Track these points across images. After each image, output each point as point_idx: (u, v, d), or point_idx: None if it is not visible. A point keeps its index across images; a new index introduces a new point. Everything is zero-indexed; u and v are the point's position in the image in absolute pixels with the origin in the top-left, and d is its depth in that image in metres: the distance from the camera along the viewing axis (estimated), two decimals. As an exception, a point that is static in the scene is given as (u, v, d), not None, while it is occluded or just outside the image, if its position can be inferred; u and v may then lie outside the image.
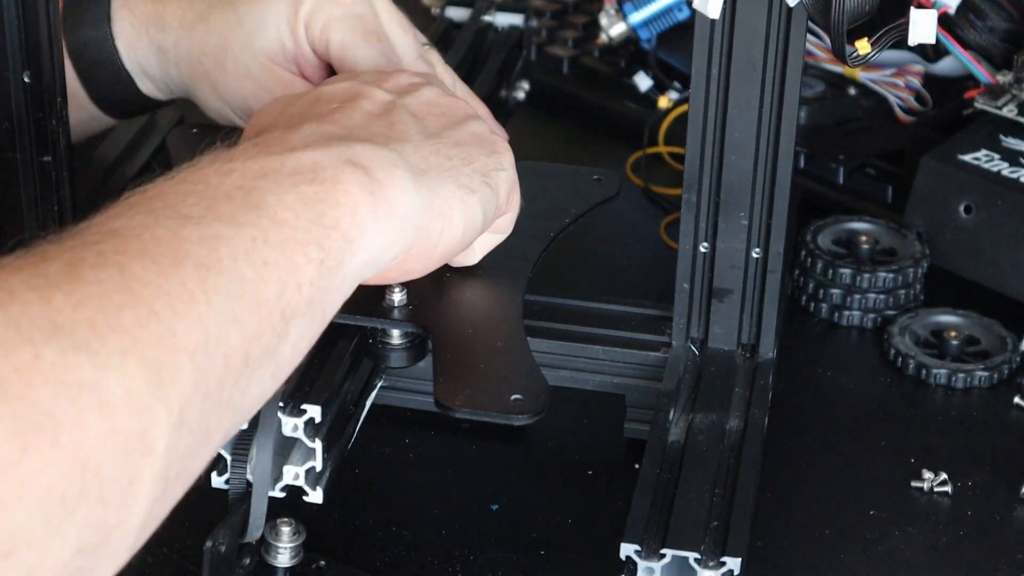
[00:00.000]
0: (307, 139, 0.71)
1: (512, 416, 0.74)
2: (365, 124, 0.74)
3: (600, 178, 0.92)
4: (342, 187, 0.68)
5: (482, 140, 0.79)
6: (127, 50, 0.96)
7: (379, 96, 0.77)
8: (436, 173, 0.75)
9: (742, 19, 0.80)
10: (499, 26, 1.14)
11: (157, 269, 0.59)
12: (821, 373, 0.96)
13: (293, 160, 0.68)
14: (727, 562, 0.73)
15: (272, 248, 0.64)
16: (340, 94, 0.77)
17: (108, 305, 0.56)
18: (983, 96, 1.04)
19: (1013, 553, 0.83)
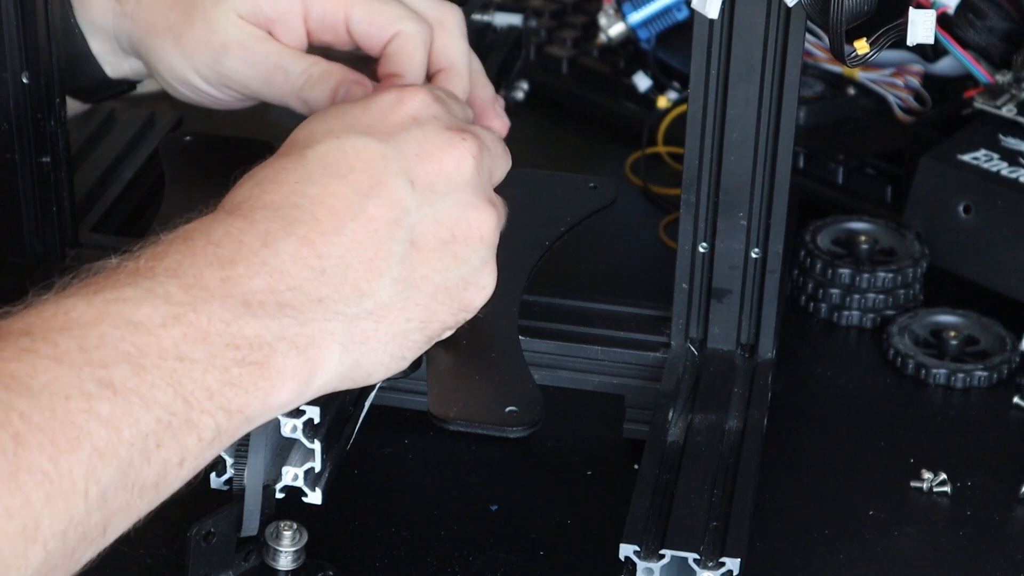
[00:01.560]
0: (257, 291, 0.66)
1: (507, 428, 0.74)
2: (340, 259, 0.69)
3: (596, 186, 0.92)
4: (268, 373, 0.66)
5: (465, 287, 0.74)
6: (82, 4, 0.92)
7: (394, 196, 0.71)
8: (374, 346, 0.71)
9: (741, 19, 0.80)
10: (498, 26, 1.14)
11: (52, 451, 0.58)
12: (820, 373, 0.96)
13: (234, 328, 0.65)
14: (726, 562, 0.73)
15: (172, 433, 0.62)
16: (348, 185, 0.70)
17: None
18: (982, 96, 1.04)
19: (1013, 553, 0.83)
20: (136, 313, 0.63)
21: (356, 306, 0.69)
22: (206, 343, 0.64)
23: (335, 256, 0.68)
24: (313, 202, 0.69)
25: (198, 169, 0.94)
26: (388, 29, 0.88)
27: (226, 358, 0.64)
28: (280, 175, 0.70)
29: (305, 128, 0.73)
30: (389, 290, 0.70)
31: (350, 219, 0.69)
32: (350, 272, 0.69)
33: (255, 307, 0.66)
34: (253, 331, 0.65)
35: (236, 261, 0.66)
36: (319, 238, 0.68)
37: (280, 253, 0.67)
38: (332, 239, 0.69)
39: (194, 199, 0.92)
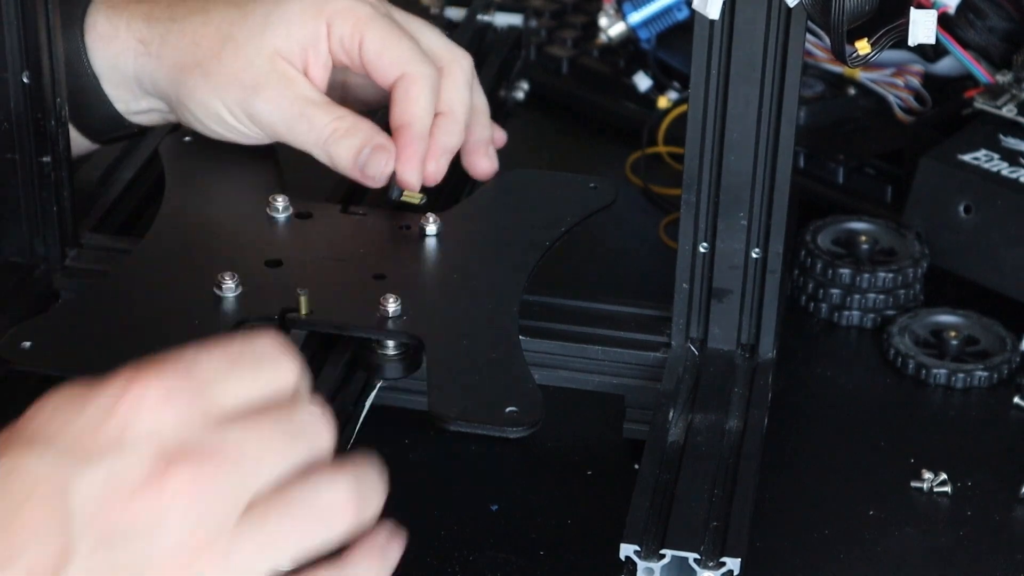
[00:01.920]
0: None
1: (507, 429, 0.75)
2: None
3: (596, 186, 0.92)
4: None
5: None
6: (98, 45, 0.92)
7: (75, 551, 0.55)
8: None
9: (741, 19, 0.80)
10: (498, 26, 1.14)
11: None
12: (821, 373, 0.96)
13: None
14: (727, 562, 0.73)
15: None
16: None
17: None
18: (982, 96, 1.04)
19: (1013, 553, 0.83)
20: None
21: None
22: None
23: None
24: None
25: (198, 169, 0.94)
26: (396, 67, 0.90)
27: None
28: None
29: (28, 415, 0.58)
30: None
31: (8, 563, 0.55)
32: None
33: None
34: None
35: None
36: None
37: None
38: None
39: (194, 199, 0.93)
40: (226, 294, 0.82)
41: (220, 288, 0.82)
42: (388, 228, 0.89)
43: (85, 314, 0.82)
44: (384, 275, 0.84)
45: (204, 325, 0.81)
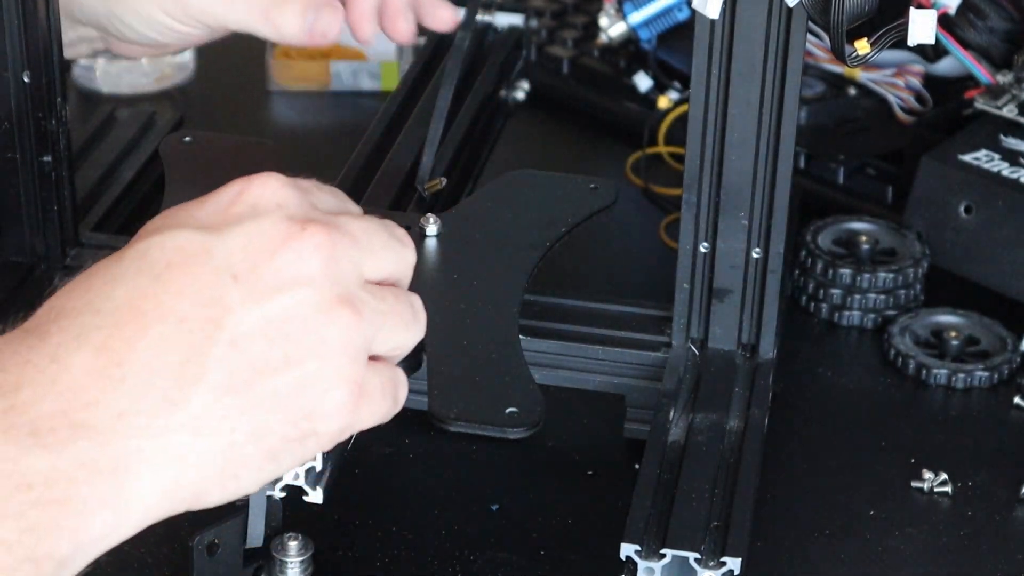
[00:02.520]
0: (46, 415, 0.58)
1: (507, 429, 0.74)
2: (145, 365, 0.60)
3: (596, 187, 0.92)
4: (72, 509, 0.58)
5: (301, 393, 0.63)
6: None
7: (213, 294, 0.62)
8: (194, 462, 0.61)
9: (742, 19, 0.80)
10: (498, 26, 1.14)
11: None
12: (821, 373, 0.96)
13: (23, 465, 0.57)
14: (727, 562, 0.73)
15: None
16: (161, 284, 0.62)
17: None
18: (983, 96, 1.04)
19: (1013, 553, 0.83)
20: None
21: (165, 418, 0.60)
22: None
23: (138, 362, 0.60)
24: (118, 305, 0.61)
25: (198, 169, 0.94)
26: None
27: (19, 501, 0.57)
28: (91, 279, 0.63)
29: (143, 228, 0.66)
30: (204, 398, 0.61)
31: (158, 320, 0.61)
32: (156, 379, 0.60)
33: (45, 435, 0.58)
34: (46, 464, 0.58)
35: (21, 385, 0.59)
36: (119, 344, 0.60)
37: (72, 368, 0.60)
38: (134, 344, 0.60)
39: (194, 199, 0.92)
40: None
41: None
42: None
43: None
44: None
45: None
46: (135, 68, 1.24)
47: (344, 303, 0.64)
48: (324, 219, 0.65)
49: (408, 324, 0.68)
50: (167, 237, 0.63)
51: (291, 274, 0.63)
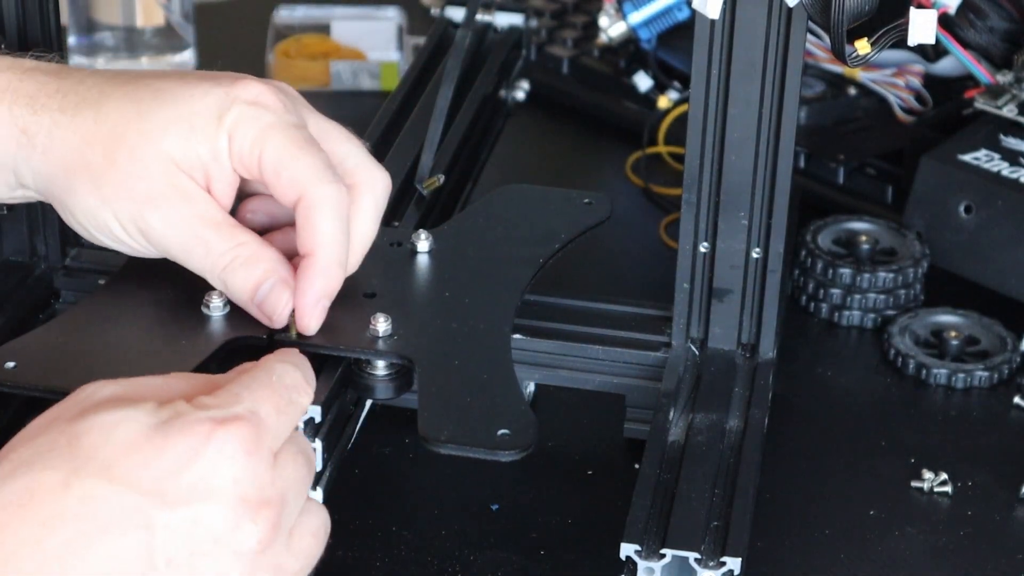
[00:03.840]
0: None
1: (498, 452, 0.73)
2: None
3: (591, 202, 0.91)
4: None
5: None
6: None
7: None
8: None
9: (742, 19, 0.80)
10: (498, 26, 1.14)
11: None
12: (821, 373, 0.96)
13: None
14: (727, 562, 0.73)
15: None
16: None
17: None
18: (983, 96, 1.04)
19: (1013, 553, 0.83)
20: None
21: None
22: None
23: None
24: (45, 559, 0.59)
25: None
26: (295, 187, 0.77)
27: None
28: (31, 504, 0.59)
29: (91, 437, 0.61)
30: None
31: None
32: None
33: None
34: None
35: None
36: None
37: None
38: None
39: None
40: (213, 313, 0.80)
41: (208, 307, 0.80)
42: (379, 245, 0.85)
43: (70, 333, 0.80)
44: (375, 293, 0.82)
45: (191, 345, 0.79)
46: (135, 68, 1.24)
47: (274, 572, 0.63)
48: (270, 494, 0.62)
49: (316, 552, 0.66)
50: (113, 494, 0.59)
51: (226, 568, 0.61)
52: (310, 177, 0.77)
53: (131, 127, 0.77)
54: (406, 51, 1.28)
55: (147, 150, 0.77)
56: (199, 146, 0.77)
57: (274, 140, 0.77)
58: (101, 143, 0.77)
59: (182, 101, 0.77)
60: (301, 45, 1.28)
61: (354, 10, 1.32)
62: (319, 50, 1.28)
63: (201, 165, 0.77)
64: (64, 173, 0.78)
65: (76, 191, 0.78)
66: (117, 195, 0.77)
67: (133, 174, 0.77)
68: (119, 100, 0.78)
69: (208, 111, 0.77)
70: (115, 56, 1.24)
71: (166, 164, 0.77)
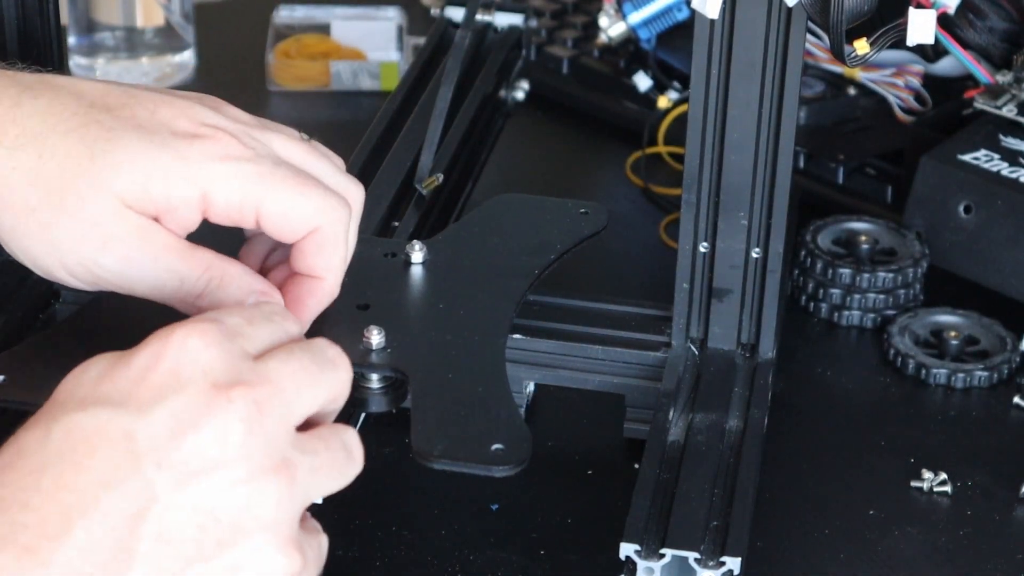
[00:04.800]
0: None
1: (492, 467, 0.72)
2: (68, 565, 0.58)
3: (587, 211, 0.90)
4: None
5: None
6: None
7: (136, 486, 0.59)
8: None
9: (742, 19, 0.80)
10: (498, 26, 1.14)
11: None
12: (821, 373, 0.96)
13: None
14: (727, 562, 0.73)
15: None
16: (84, 474, 0.59)
17: None
18: (983, 96, 1.04)
19: (1013, 553, 0.83)
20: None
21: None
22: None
23: (63, 563, 0.58)
24: (44, 498, 0.58)
25: None
26: (306, 223, 0.74)
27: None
28: (20, 460, 0.60)
29: (65, 385, 0.62)
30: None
31: (82, 515, 0.58)
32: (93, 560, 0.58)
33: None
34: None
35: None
36: (43, 544, 0.58)
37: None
38: (59, 543, 0.58)
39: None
40: None
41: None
42: (372, 256, 0.85)
43: (61, 346, 0.79)
44: (368, 305, 0.82)
45: None
46: (134, 68, 1.24)
47: (274, 473, 0.61)
48: (250, 376, 0.62)
49: (343, 469, 0.65)
50: (90, 417, 0.60)
51: (217, 453, 0.60)
52: (320, 212, 0.74)
53: (82, 166, 0.71)
54: (406, 51, 1.28)
55: (99, 194, 0.71)
56: (156, 195, 0.72)
57: (273, 186, 0.73)
58: (45, 185, 0.71)
59: (139, 148, 0.72)
60: (301, 45, 1.28)
61: (354, 10, 1.32)
62: (319, 50, 1.28)
63: (155, 210, 0.72)
64: (8, 216, 0.72)
65: (16, 233, 0.72)
66: (67, 242, 0.72)
67: (85, 220, 0.71)
68: (66, 136, 0.72)
69: (174, 169, 0.72)
70: (115, 56, 1.24)
71: (118, 207, 0.71)
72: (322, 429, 0.65)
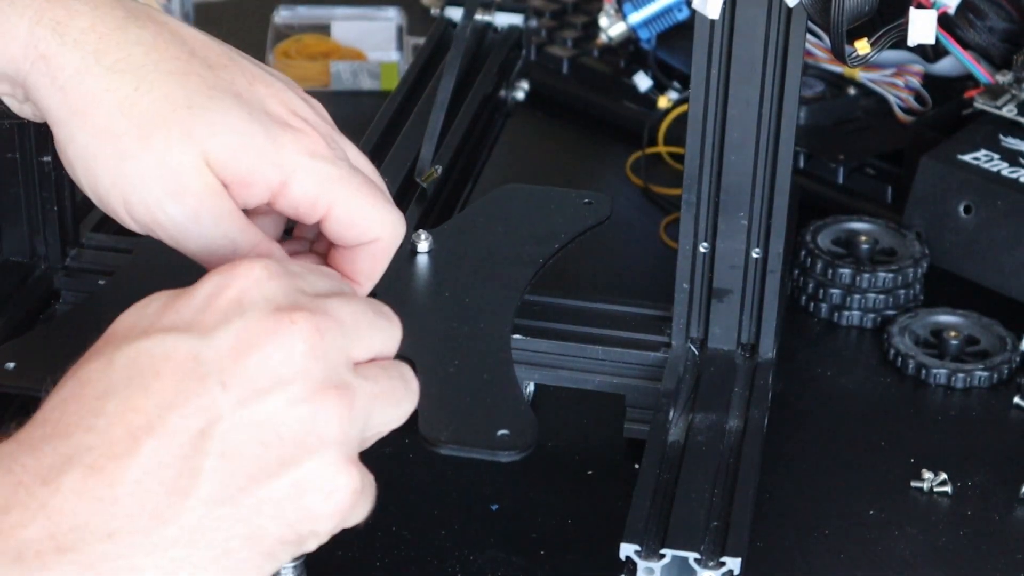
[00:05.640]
0: (32, 540, 0.58)
1: (498, 452, 0.73)
2: (137, 484, 0.59)
3: (591, 201, 0.91)
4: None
5: (299, 496, 0.62)
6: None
7: (201, 403, 0.60)
8: (190, 571, 0.60)
9: (742, 19, 0.80)
10: (498, 26, 1.14)
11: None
12: (821, 373, 0.96)
13: (11, 541, 0.58)
14: (727, 562, 0.73)
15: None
16: (150, 396, 0.60)
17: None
18: (983, 96, 1.04)
19: (1013, 553, 0.83)
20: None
21: (157, 534, 0.59)
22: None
23: (129, 481, 0.59)
24: (110, 421, 0.60)
25: None
26: (370, 232, 0.74)
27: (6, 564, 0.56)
28: (83, 389, 0.61)
29: (124, 320, 0.63)
30: (197, 512, 0.60)
31: (148, 435, 0.59)
32: (149, 498, 0.59)
33: (30, 560, 0.57)
34: (18, 543, 0.57)
35: (10, 507, 0.58)
36: (110, 463, 0.59)
37: (63, 489, 0.58)
38: (125, 462, 0.59)
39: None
40: None
41: None
42: None
43: (70, 333, 0.80)
44: (374, 294, 0.83)
45: None
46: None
47: (335, 392, 0.62)
48: (311, 306, 0.63)
49: (400, 400, 0.66)
50: (155, 343, 0.61)
51: (280, 371, 0.61)
52: (384, 226, 0.74)
53: (177, 114, 0.70)
54: (406, 51, 1.28)
55: (187, 145, 0.70)
56: (240, 166, 0.71)
57: (343, 195, 0.73)
58: (138, 117, 0.70)
59: (237, 114, 0.71)
60: (301, 45, 1.28)
61: (354, 10, 1.32)
62: (319, 50, 1.28)
63: (234, 178, 0.71)
64: (82, 129, 0.70)
65: (89, 154, 0.70)
66: (140, 179, 0.70)
67: (166, 164, 0.70)
68: (167, 77, 0.70)
69: (263, 145, 0.71)
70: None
71: (200, 163, 0.70)
72: (381, 360, 0.66)
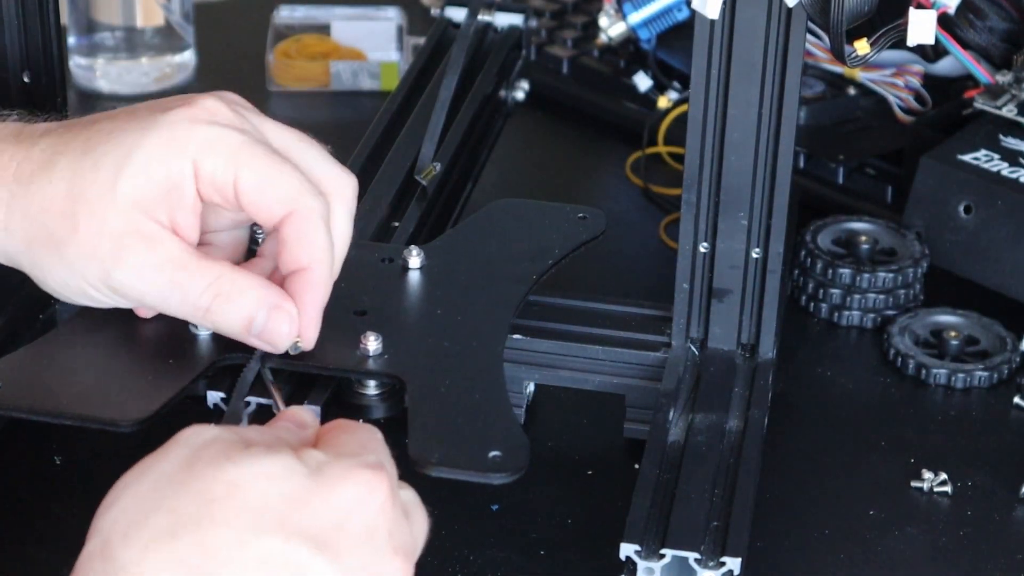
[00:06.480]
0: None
1: (490, 475, 0.72)
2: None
3: (585, 216, 0.90)
4: None
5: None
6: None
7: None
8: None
9: (742, 19, 0.80)
10: (498, 26, 1.14)
11: None
12: (821, 373, 0.96)
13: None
14: (727, 562, 0.73)
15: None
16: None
17: None
18: (983, 96, 1.04)
19: (1013, 553, 0.83)
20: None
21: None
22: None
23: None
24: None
25: None
26: (282, 204, 0.75)
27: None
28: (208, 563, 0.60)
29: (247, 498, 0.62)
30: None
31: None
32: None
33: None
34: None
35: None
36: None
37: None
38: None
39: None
40: (201, 332, 0.79)
41: (195, 327, 0.79)
42: (370, 262, 0.85)
43: (57, 354, 0.79)
44: (365, 311, 0.82)
45: (179, 364, 0.78)
46: (135, 68, 1.24)
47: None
48: (411, 547, 0.65)
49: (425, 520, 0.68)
50: (291, 550, 0.60)
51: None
52: (295, 194, 0.75)
53: (86, 179, 0.74)
54: (406, 51, 1.28)
55: (104, 200, 0.73)
56: (157, 176, 0.73)
57: (249, 162, 0.74)
58: (59, 207, 0.74)
59: (134, 136, 0.74)
60: (301, 45, 1.28)
61: (354, 10, 1.32)
62: (319, 50, 1.28)
63: (162, 197, 0.74)
64: (27, 247, 0.75)
65: (42, 264, 0.75)
66: (83, 261, 0.74)
67: (95, 233, 0.74)
68: (72, 155, 0.74)
69: (165, 141, 0.74)
70: (115, 56, 1.24)
71: (125, 210, 0.74)
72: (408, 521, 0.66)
